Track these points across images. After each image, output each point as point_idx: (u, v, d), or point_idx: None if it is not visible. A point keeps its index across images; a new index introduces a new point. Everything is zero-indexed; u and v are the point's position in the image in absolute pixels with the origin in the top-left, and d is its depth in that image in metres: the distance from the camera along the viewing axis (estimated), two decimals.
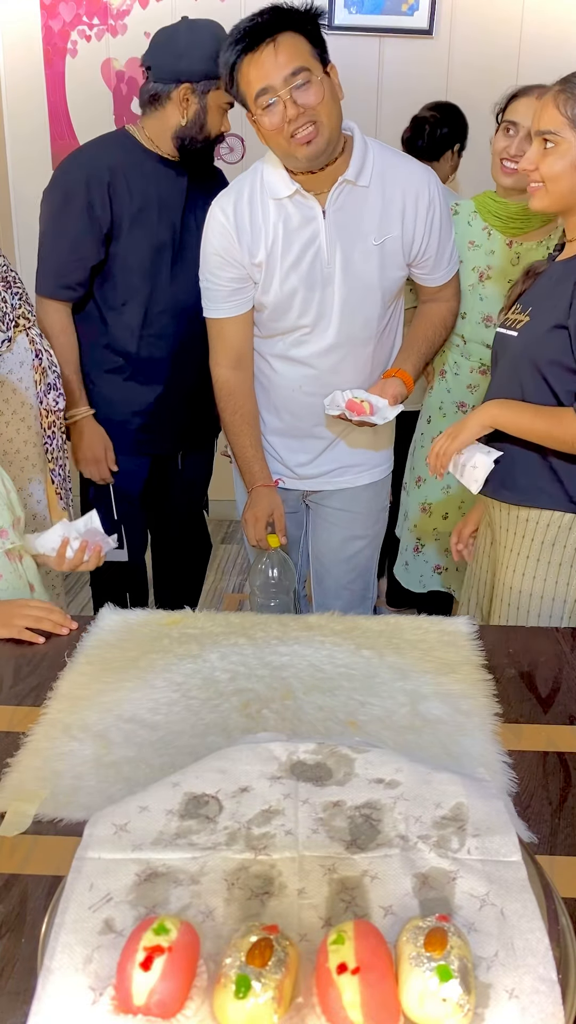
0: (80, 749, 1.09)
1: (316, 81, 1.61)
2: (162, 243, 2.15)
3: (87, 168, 2.10)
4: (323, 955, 0.68)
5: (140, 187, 2.12)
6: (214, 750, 0.98)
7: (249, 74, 1.61)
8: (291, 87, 1.60)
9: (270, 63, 1.59)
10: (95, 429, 2.28)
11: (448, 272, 1.95)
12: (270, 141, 1.69)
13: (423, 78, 3.20)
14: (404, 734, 1.12)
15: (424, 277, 1.93)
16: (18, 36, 3.24)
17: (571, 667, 1.30)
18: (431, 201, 1.81)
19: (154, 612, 1.46)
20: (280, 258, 1.79)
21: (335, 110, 1.67)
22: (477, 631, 1.39)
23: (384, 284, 1.84)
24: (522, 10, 3.12)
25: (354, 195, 1.76)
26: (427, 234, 1.83)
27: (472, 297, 2.21)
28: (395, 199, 1.78)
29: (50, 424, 2.17)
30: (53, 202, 2.13)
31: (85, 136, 3.24)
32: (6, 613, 1.38)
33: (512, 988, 0.70)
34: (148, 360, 2.24)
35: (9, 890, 0.89)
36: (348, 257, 1.79)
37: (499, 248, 2.17)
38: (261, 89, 1.61)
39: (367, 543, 2.15)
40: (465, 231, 2.21)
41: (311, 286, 1.81)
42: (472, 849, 0.82)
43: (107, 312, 2.22)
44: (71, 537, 1.57)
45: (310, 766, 0.92)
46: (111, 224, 2.12)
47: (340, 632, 1.38)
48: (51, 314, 2.18)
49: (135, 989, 0.67)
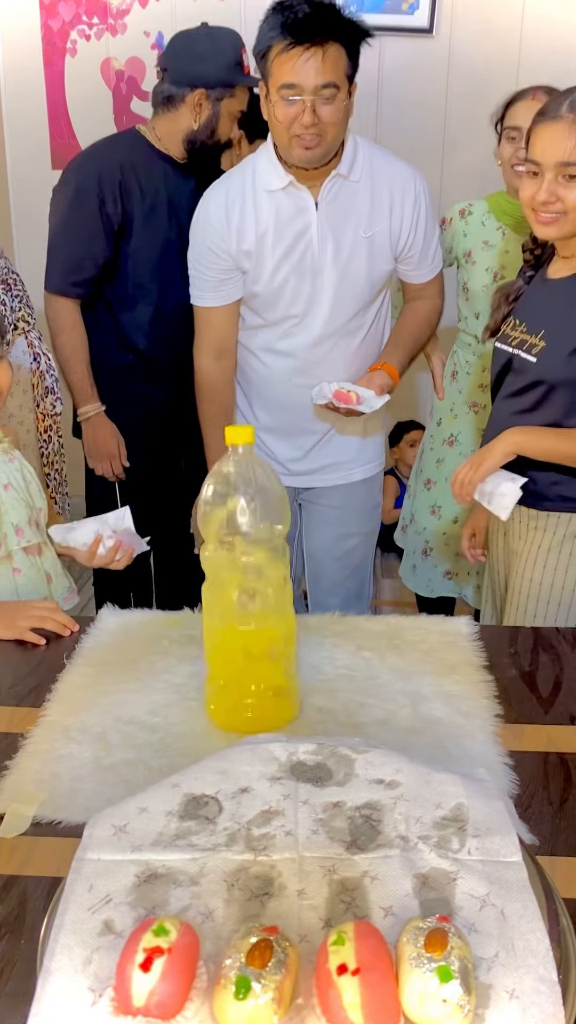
0: (79, 751, 1.09)
1: (339, 99, 1.67)
2: (171, 242, 2.16)
3: (100, 165, 2.12)
4: (323, 956, 0.68)
5: (150, 186, 2.15)
6: (213, 752, 0.98)
7: (285, 63, 1.64)
8: (318, 97, 1.64)
9: (311, 67, 1.63)
10: (107, 425, 2.28)
11: (432, 270, 1.99)
12: (274, 126, 1.73)
13: (423, 77, 3.20)
14: (405, 735, 1.12)
15: (409, 273, 1.97)
16: (18, 36, 3.24)
17: (571, 667, 1.30)
18: (416, 198, 1.86)
19: (154, 613, 1.46)
20: (272, 247, 1.82)
21: (342, 130, 1.73)
22: (477, 631, 1.39)
23: (372, 276, 1.88)
24: (522, 10, 3.12)
25: (346, 188, 1.81)
26: (413, 229, 1.88)
27: (485, 297, 2.20)
28: (383, 194, 1.83)
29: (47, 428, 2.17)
30: (64, 198, 2.15)
31: (85, 136, 3.26)
32: (9, 614, 1.38)
33: (512, 989, 0.70)
34: (157, 359, 2.26)
35: (9, 891, 0.88)
36: (338, 248, 1.83)
37: (513, 248, 2.17)
38: (290, 84, 1.64)
39: (361, 540, 2.16)
40: (479, 231, 2.21)
41: (301, 275, 1.84)
42: (472, 850, 0.82)
43: (117, 310, 2.23)
44: (105, 535, 1.54)
45: (310, 767, 0.92)
46: (122, 221, 2.14)
47: (340, 633, 1.37)
48: (61, 311, 2.18)
49: (135, 990, 0.66)
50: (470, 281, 2.23)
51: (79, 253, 2.14)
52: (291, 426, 2.02)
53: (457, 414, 2.34)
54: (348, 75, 1.68)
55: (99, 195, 2.10)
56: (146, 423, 2.32)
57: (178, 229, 2.15)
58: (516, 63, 3.14)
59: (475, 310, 2.24)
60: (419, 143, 3.22)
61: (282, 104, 1.67)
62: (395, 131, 3.23)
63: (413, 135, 3.23)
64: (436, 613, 2.51)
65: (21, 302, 2.07)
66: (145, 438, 2.33)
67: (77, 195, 2.12)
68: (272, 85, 1.68)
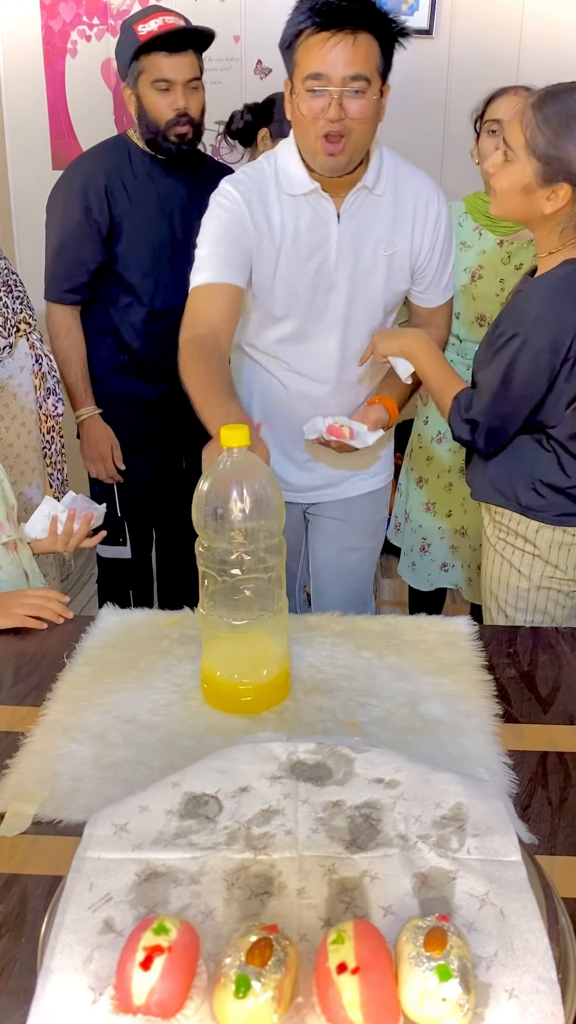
0: (79, 750, 1.09)
1: (369, 95, 1.54)
2: (162, 242, 2.18)
3: (84, 174, 2.18)
4: (323, 955, 0.68)
5: (137, 188, 2.17)
6: (214, 751, 0.98)
7: (312, 50, 1.51)
8: (345, 89, 1.52)
9: (339, 55, 1.49)
10: (102, 428, 2.30)
11: (443, 295, 1.87)
12: (297, 124, 1.60)
13: (423, 78, 3.19)
14: (404, 735, 1.12)
15: (420, 296, 1.85)
16: (18, 36, 3.23)
17: (571, 667, 1.30)
18: (439, 214, 1.76)
19: (154, 613, 1.46)
20: (288, 255, 1.70)
21: (370, 132, 1.60)
22: (477, 631, 1.39)
23: (388, 296, 1.79)
24: (522, 10, 3.11)
25: (369, 202, 1.70)
26: (432, 248, 1.77)
27: (465, 297, 2.21)
28: (406, 209, 1.73)
29: (49, 429, 2.18)
30: (55, 210, 2.22)
31: (85, 136, 3.26)
32: (5, 603, 1.39)
33: (512, 988, 0.70)
34: (153, 358, 2.27)
35: (9, 890, 0.89)
36: (356, 264, 1.73)
37: (490, 247, 2.18)
38: (316, 73, 1.51)
39: (364, 555, 2.08)
40: (456, 232, 2.21)
41: (315, 289, 1.73)
42: (472, 849, 0.82)
43: (112, 311, 2.26)
44: (57, 512, 1.58)
45: (310, 766, 0.92)
46: (110, 225, 2.17)
47: (340, 633, 1.38)
48: (58, 317, 2.24)
49: (135, 989, 0.67)
50: None
51: (70, 261, 2.19)
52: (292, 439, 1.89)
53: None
54: (380, 72, 1.56)
55: (84, 203, 2.14)
56: (144, 423, 2.33)
57: (170, 227, 2.18)
58: (516, 63, 3.14)
59: (455, 310, 2.23)
60: (419, 143, 3.22)
61: (307, 97, 1.53)
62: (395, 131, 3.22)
63: (413, 135, 3.22)
64: (427, 606, 2.54)
65: (22, 304, 2.07)
66: (143, 438, 2.34)
67: (65, 204, 2.18)
68: (297, 77, 1.55)
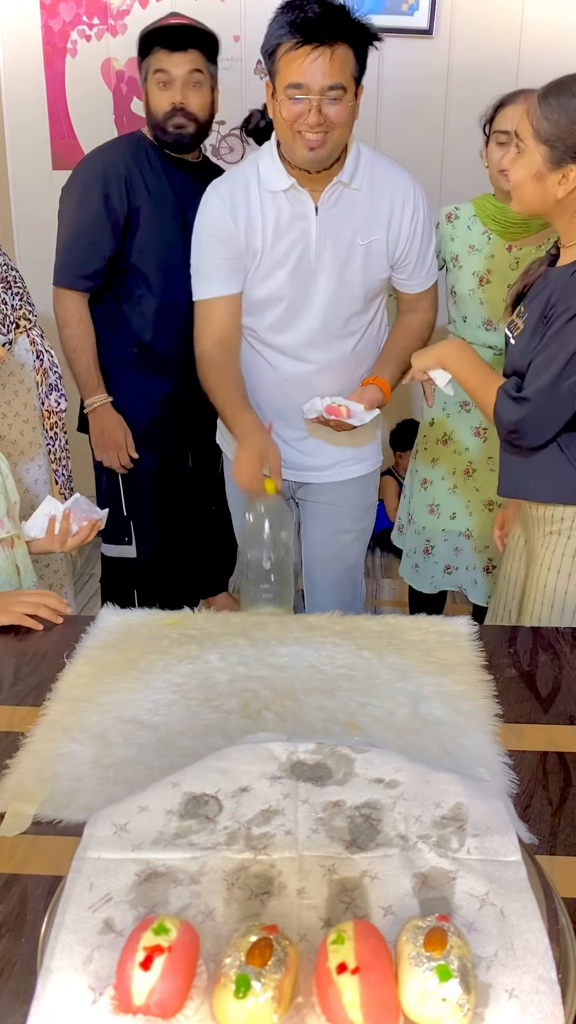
0: (79, 750, 1.09)
1: (345, 100, 1.66)
2: (176, 237, 2.19)
3: (105, 162, 2.19)
4: (323, 955, 0.68)
5: (157, 184, 2.20)
6: (214, 751, 0.98)
7: (293, 62, 1.64)
8: (324, 97, 1.64)
9: (318, 67, 1.62)
10: (113, 416, 2.31)
11: (426, 281, 1.99)
12: (279, 124, 1.73)
13: (423, 78, 3.19)
14: (404, 735, 1.12)
15: (403, 283, 1.97)
16: (18, 36, 3.23)
17: (571, 667, 1.30)
18: (416, 207, 1.87)
19: (154, 613, 1.46)
20: (271, 248, 1.82)
21: (347, 131, 1.73)
22: (477, 631, 1.39)
23: (367, 283, 1.89)
24: (522, 10, 3.11)
25: (346, 196, 1.81)
26: (410, 239, 1.88)
27: (472, 301, 2.21)
28: (383, 203, 1.84)
29: (52, 425, 2.18)
30: (72, 195, 2.22)
31: (85, 136, 3.26)
32: (3, 601, 1.40)
33: (512, 988, 0.70)
34: (162, 352, 2.28)
35: (9, 890, 0.89)
36: (335, 255, 1.83)
37: (498, 252, 2.18)
38: (297, 83, 1.64)
39: (355, 538, 2.17)
40: (465, 235, 2.21)
41: (296, 280, 1.84)
42: (472, 849, 0.82)
43: (124, 303, 2.27)
44: (57, 515, 1.60)
45: (310, 766, 0.92)
46: (127, 215, 2.18)
47: (340, 633, 1.38)
48: (68, 304, 2.24)
49: (135, 989, 0.67)
50: (457, 285, 2.24)
51: (85, 247, 2.19)
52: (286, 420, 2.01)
53: (449, 413, 2.34)
54: (355, 77, 1.68)
55: (104, 190, 2.15)
56: (152, 416, 2.34)
57: (183, 224, 2.17)
58: (516, 64, 3.14)
59: (463, 313, 2.25)
60: (419, 143, 3.22)
61: (288, 103, 1.67)
62: (395, 132, 3.23)
63: (413, 135, 3.23)
64: (428, 608, 2.54)
65: (22, 300, 2.07)
66: (151, 432, 2.35)
67: (83, 190, 2.18)
68: (279, 84, 1.68)
